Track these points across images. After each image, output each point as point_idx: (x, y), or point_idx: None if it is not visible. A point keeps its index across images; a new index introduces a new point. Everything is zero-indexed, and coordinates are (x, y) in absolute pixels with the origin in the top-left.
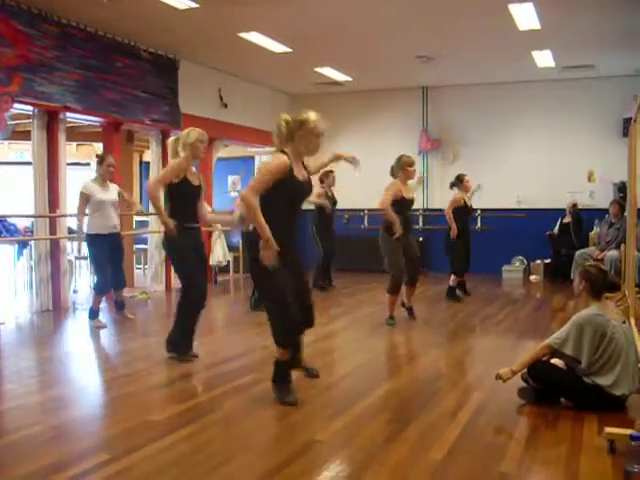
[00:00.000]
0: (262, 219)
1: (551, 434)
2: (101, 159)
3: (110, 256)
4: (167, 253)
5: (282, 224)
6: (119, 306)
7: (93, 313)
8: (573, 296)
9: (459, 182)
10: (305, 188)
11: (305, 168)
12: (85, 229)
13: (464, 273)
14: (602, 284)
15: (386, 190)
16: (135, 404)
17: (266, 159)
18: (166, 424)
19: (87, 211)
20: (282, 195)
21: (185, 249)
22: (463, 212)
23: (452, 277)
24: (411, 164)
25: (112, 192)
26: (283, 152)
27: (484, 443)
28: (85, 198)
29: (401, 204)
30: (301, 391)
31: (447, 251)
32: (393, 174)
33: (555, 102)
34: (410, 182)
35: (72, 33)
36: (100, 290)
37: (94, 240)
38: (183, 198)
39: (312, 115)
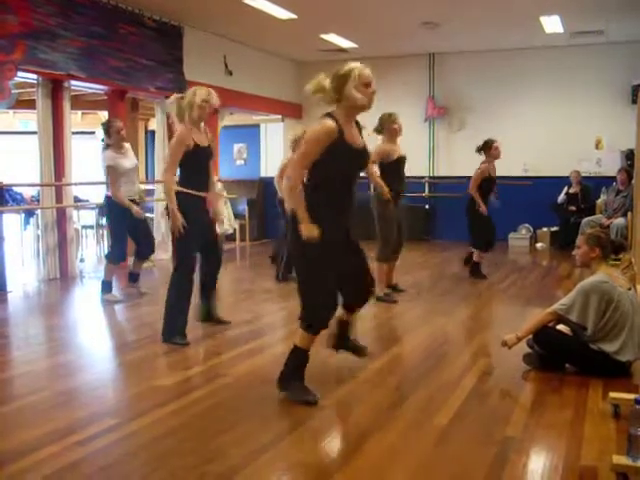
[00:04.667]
0: (301, 200)
1: (556, 399)
2: (108, 126)
3: (137, 224)
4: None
5: (334, 201)
6: (134, 277)
7: (106, 286)
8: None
9: (487, 148)
10: (361, 156)
11: (360, 133)
12: (110, 194)
13: (489, 249)
14: (610, 246)
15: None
16: (142, 370)
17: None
18: (173, 389)
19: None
20: (333, 166)
21: (192, 227)
22: (489, 183)
23: (476, 253)
24: (394, 120)
25: (131, 156)
26: (329, 115)
27: (489, 408)
28: (114, 170)
29: (397, 164)
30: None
31: (471, 225)
32: (379, 132)
33: (563, 69)
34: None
35: (76, 0)
36: (115, 260)
37: (118, 206)
38: (194, 164)
39: (354, 63)
